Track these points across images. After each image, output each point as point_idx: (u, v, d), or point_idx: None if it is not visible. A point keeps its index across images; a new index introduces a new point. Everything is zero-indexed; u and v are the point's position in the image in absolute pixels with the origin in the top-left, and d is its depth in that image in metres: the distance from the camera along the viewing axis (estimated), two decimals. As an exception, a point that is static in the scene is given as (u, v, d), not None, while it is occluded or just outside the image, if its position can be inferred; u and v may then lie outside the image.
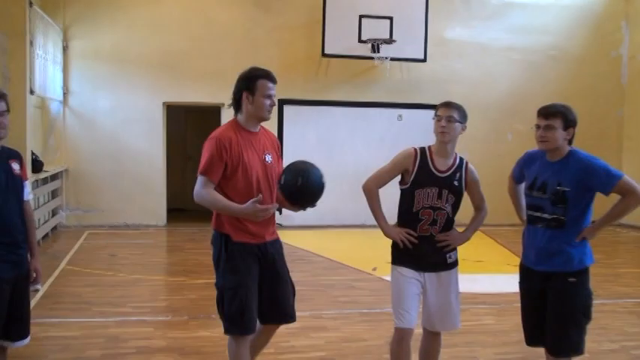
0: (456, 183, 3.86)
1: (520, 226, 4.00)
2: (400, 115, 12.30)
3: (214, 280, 3.78)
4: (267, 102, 3.74)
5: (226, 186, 3.68)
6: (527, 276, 3.85)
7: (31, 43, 8.86)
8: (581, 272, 3.66)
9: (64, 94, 11.28)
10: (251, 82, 3.73)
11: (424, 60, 11.81)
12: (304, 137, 11.94)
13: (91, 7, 11.22)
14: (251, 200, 3.53)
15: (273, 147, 3.91)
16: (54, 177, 10.55)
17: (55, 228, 10.57)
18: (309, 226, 11.50)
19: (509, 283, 5.27)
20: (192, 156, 13.26)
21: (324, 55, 11.52)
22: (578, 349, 3.68)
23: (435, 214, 3.82)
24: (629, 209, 3.64)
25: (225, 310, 3.67)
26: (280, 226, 11.50)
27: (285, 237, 10.65)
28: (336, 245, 10.44)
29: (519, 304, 3.95)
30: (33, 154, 9.12)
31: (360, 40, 11.44)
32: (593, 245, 3.76)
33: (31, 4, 8.67)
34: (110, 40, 11.33)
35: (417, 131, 9.81)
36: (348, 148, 11.94)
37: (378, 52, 11.48)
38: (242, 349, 3.71)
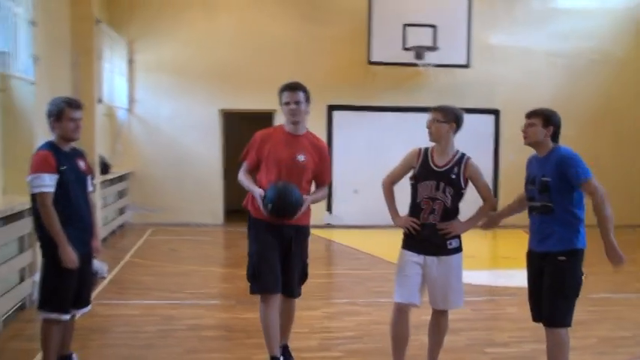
0: (453, 176, 4.38)
1: None
2: (445, 120, 12.71)
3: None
4: (286, 108, 4.53)
5: (260, 171, 4.57)
6: (530, 258, 4.36)
7: (99, 56, 9.79)
8: (571, 252, 4.12)
9: (130, 102, 12.25)
10: (279, 95, 4.58)
11: (467, 66, 12.20)
12: (353, 141, 12.52)
13: (154, 23, 12.14)
14: (258, 192, 4.40)
15: (314, 149, 4.64)
16: (121, 178, 11.50)
17: (122, 225, 11.50)
18: (357, 226, 12.07)
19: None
20: (249, 158, 14.04)
21: (370, 62, 12.09)
22: (565, 322, 4.15)
23: (433, 203, 4.36)
24: (596, 209, 4.06)
25: (247, 272, 4.49)
26: (330, 225, 12.27)
27: (335, 236, 11.40)
28: (380, 243, 10.94)
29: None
30: (101, 157, 10.03)
31: (405, 48, 11.92)
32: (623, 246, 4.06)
33: (98, 22, 9.58)
34: (171, 53, 12.22)
35: (462, 133, 10.10)
36: (395, 151, 12.06)
37: (422, 58, 11.96)
38: (268, 309, 4.41)
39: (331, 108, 12.59)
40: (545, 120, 4.20)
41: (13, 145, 6.38)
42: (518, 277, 7.94)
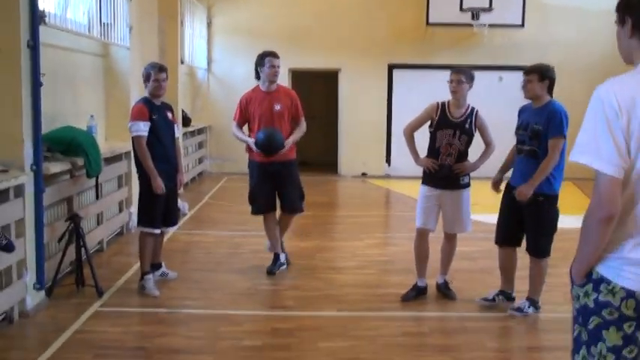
0: (467, 126, 5.37)
1: None
2: (501, 77, 13.40)
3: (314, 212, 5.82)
4: (269, 70, 5.95)
5: (251, 128, 6.15)
6: (509, 191, 5.16)
7: (182, 22, 11.07)
8: (548, 195, 4.94)
9: (209, 62, 13.56)
10: (261, 59, 6.01)
11: (522, 25, 12.78)
12: (411, 98, 13.25)
13: (230, -11, 13.33)
14: (251, 141, 5.98)
15: (286, 97, 6.16)
16: (200, 131, 12.88)
17: (200, 173, 12.94)
18: (413, 177, 13.01)
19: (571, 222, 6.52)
20: (316, 115, 15.13)
21: (428, 24, 12.87)
22: (546, 252, 5.08)
23: (450, 148, 5.37)
24: (547, 166, 4.78)
25: (249, 199, 6.27)
26: (389, 176, 13.25)
27: (391, 184, 12.36)
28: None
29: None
30: (183, 112, 11.37)
31: (462, 9, 12.64)
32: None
33: (181, -9, 10.84)
34: (246, 17, 13.40)
35: (516, 91, 10.73)
36: (451, 107, 13.21)
37: (478, 19, 12.64)
38: (267, 222, 6.28)
39: (391, 67, 13.49)
40: (541, 75, 4.95)
41: (112, 101, 7.75)
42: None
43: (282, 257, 6.32)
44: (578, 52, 13.14)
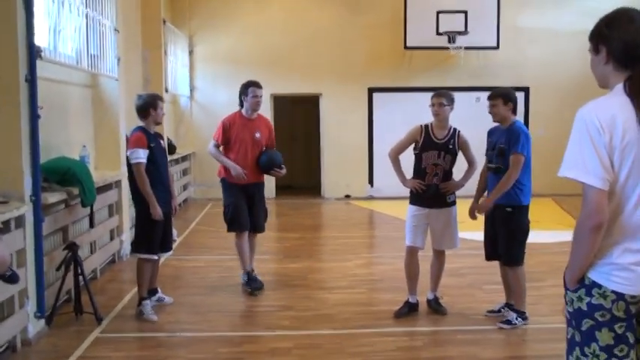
0: (450, 146, 5.60)
1: None
2: (478, 98, 13.70)
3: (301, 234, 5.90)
4: (253, 100, 6.32)
5: (227, 148, 6.42)
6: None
7: (166, 52, 11.25)
8: (517, 206, 5.25)
9: (191, 90, 13.74)
10: (245, 89, 6.34)
11: (497, 47, 13.17)
12: (391, 120, 13.60)
13: (211, 18, 13.56)
14: (240, 169, 6.25)
15: (265, 127, 6.58)
16: (184, 158, 13.01)
17: (185, 200, 13.03)
18: (395, 197, 13.23)
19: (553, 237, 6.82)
20: (298, 140, 15.37)
21: (406, 47, 13.19)
22: (519, 260, 5.35)
23: (436, 168, 5.58)
24: (507, 181, 5.14)
25: (225, 217, 6.50)
26: (372, 197, 13.44)
27: (374, 205, 12.54)
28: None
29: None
30: (168, 139, 11.49)
31: (438, 33, 12.99)
32: None
33: (164, 22, 11.03)
34: (226, 44, 13.63)
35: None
36: (430, 128, 13.51)
37: (454, 42, 13.01)
38: (240, 240, 6.49)
39: (371, 90, 13.78)
40: (505, 99, 5.32)
41: (101, 131, 7.86)
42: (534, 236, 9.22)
43: (254, 273, 6.60)
44: (551, 72, 13.58)
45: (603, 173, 2.27)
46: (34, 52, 5.11)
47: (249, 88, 6.39)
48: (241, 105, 6.51)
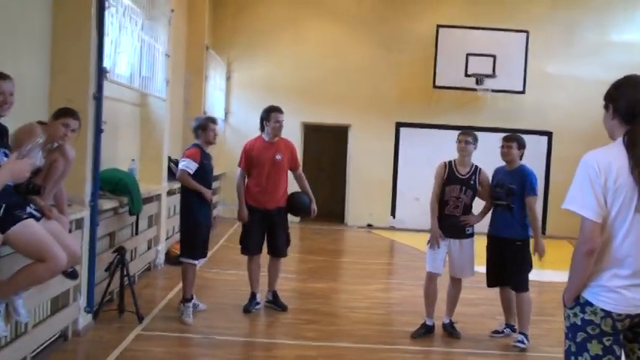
0: (472, 182, 6.07)
1: None
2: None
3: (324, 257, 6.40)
4: (276, 125, 6.55)
5: (250, 173, 6.63)
6: (492, 240, 6.02)
7: (206, 77, 11.90)
8: (524, 239, 5.82)
9: (226, 113, 14.36)
10: (267, 114, 6.60)
11: (523, 92, 13.65)
12: (416, 155, 14.11)
13: (249, 48, 14.25)
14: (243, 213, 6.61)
15: (285, 148, 6.69)
16: (215, 178, 13.53)
17: (214, 217, 13.52)
18: (417, 229, 13.68)
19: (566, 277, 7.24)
20: (325, 168, 15.86)
21: (435, 86, 13.73)
22: (527, 285, 5.89)
23: (457, 201, 6.05)
24: (536, 220, 5.81)
25: (240, 241, 6.75)
26: (393, 228, 13.85)
27: (396, 236, 12.93)
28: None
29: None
30: (203, 159, 12.06)
31: (466, 75, 13.52)
32: None
33: (207, 48, 11.69)
34: (262, 72, 14.28)
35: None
36: (454, 165, 13.98)
37: (482, 84, 13.51)
38: (251, 264, 6.68)
39: (399, 125, 14.32)
40: (519, 144, 5.91)
41: (147, 147, 8.46)
42: (546, 275, 9.61)
43: (258, 297, 6.74)
44: (574, 119, 13.98)
45: (597, 208, 2.75)
46: (102, 73, 5.70)
47: (271, 113, 6.57)
48: (262, 129, 6.73)
